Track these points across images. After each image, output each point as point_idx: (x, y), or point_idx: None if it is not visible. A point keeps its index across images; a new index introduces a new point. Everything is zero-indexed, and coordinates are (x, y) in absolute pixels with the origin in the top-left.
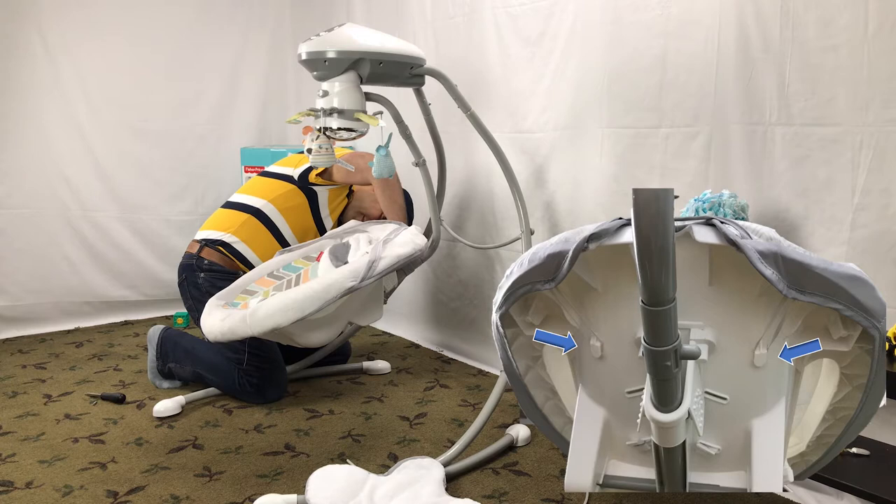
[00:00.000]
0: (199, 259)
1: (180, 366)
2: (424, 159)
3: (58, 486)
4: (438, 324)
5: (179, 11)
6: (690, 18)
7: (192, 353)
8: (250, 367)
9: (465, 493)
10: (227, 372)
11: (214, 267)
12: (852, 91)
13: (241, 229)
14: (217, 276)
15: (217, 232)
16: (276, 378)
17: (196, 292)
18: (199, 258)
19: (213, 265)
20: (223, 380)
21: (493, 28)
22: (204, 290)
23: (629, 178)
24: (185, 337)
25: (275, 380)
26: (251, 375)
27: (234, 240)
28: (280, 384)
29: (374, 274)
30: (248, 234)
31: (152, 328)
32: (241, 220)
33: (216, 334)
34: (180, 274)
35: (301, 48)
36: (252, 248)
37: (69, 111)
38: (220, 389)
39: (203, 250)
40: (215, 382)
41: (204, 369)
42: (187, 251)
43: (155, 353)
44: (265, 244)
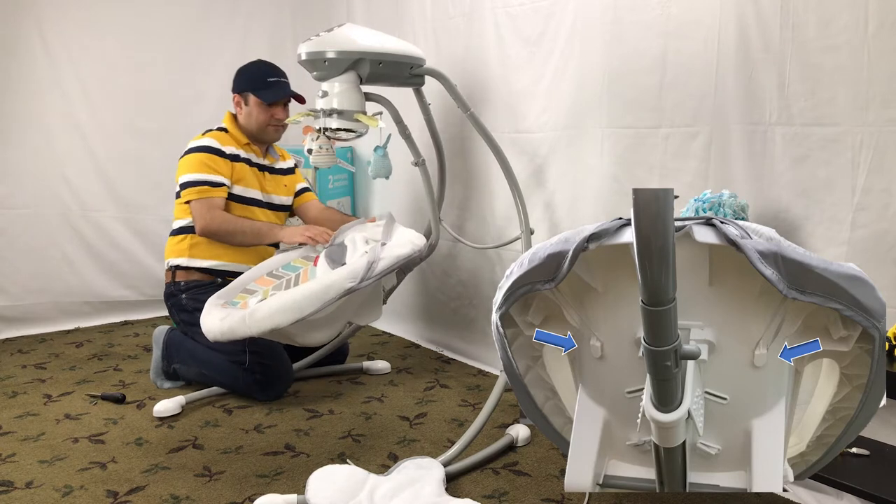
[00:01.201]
0: (174, 283)
1: (185, 366)
2: (424, 159)
3: (58, 486)
4: (438, 324)
5: (180, 11)
6: (690, 18)
7: (195, 354)
8: (253, 364)
9: (465, 493)
10: (231, 371)
11: (192, 283)
12: (852, 91)
13: (192, 247)
14: (198, 290)
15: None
16: (282, 373)
17: (185, 314)
18: (174, 283)
19: (191, 283)
20: (229, 379)
21: (492, 28)
22: (190, 308)
23: (629, 178)
24: (188, 338)
25: (280, 375)
26: (256, 373)
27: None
28: (286, 379)
29: (373, 275)
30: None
31: (158, 328)
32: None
33: (215, 333)
34: (166, 301)
35: (301, 48)
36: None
37: (69, 111)
38: (227, 389)
39: (176, 274)
40: (221, 382)
41: (209, 370)
42: (165, 282)
43: (161, 354)
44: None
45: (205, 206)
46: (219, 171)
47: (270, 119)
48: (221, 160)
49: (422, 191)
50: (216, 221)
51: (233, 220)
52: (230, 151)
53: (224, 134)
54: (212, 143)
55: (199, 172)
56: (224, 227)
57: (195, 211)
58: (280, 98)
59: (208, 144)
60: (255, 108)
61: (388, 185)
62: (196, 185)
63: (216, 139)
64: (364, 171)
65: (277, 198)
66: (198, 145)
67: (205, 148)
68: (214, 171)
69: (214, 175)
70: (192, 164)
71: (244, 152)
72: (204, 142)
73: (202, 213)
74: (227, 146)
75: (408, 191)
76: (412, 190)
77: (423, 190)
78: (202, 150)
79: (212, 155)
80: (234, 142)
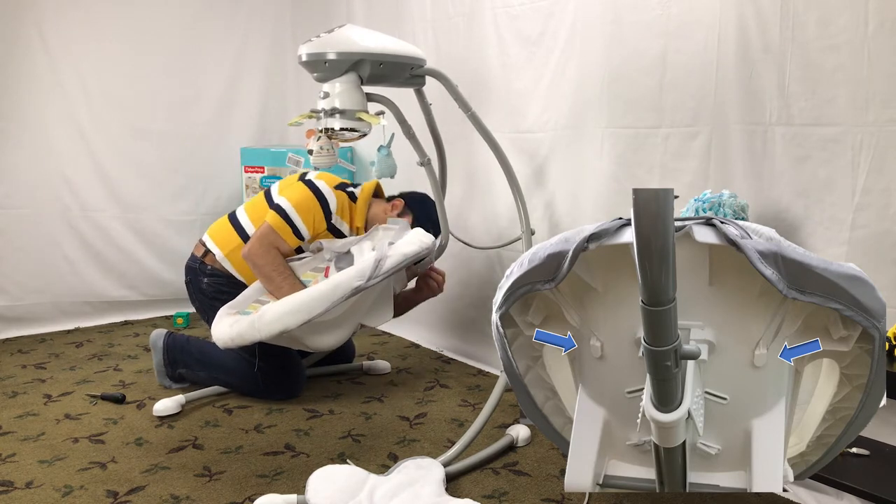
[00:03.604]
0: (202, 264)
1: (191, 371)
2: (429, 158)
3: (58, 486)
4: (438, 324)
5: (180, 11)
6: (690, 18)
7: (203, 358)
8: (265, 366)
9: (465, 493)
10: (242, 373)
11: (217, 273)
12: (852, 91)
13: (233, 252)
14: (220, 280)
15: (216, 245)
16: (294, 373)
17: (201, 296)
18: (202, 263)
19: (216, 272)
20: (240, 381)
21: (492, 28)
22: (209, 294)
23: (629, 178)
24: (191, 342)
25: (293, 374)
26: (267, 374)
27: (225, 259)
28: (299, 379)
29: (380, 273)
30: (238, 260)
31: (154, 333)
32: (235, 243)
33: (225, 340)
34: (186, 274)
35: (301, 50)
36: (239, 272)
37: (69, 111)
38: (239, 391)
39: (207, 255)
40: (232, 385)
41: (219, 373)
42: (193, 252)
43: (162, 360)
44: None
45: (270, 241)
46: (312, 226)
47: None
48: (323, 222)
49: (425, 190)
50: (263, 260)
51: (277, 269)
52: (335, 222)
53: (350, 204)
54: (332, 203)
55: (299, 214)
56: (264, 271)
57: (260, 236)
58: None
59: (330, 200)
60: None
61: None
62: (285, 218)
63: (339, 202)
64: (365, 171)
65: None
66: (324, 192)
67: (324, 199)
68: (309, 223)
69: (305, 227)
70: (300, 199)
71: (345, 228)
72: (330, 195)
73: (261, 243)
74: (339, 215)
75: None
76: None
77: (426, 189)
78: (321, 198)
79: (322, 210)
80: (348, 218)
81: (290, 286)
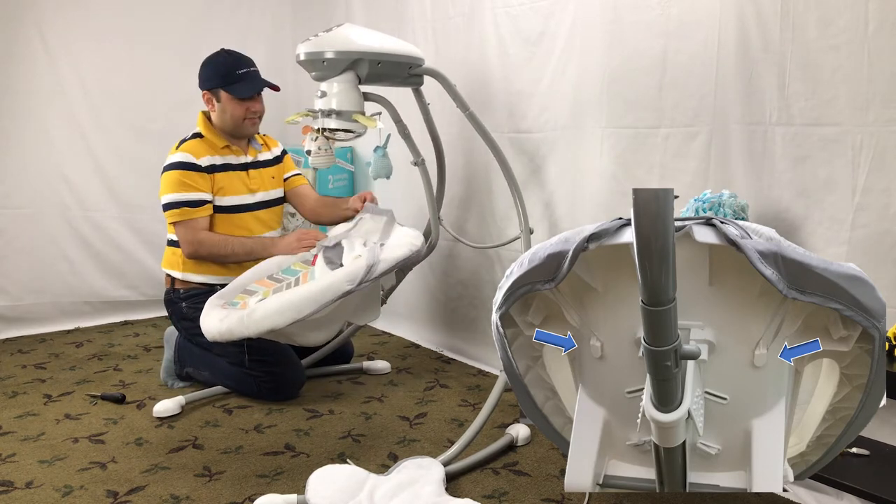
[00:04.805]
0: (174, 291)
1: (197, 370)
2: (423, 158)
3: (58, 486)
4: (438, 324)
5: (180, 11)
6: (690, 18)
7: (204, 358)
8: (255, 366)
9: (465, 492)
10: (238, 375)
11: (190, 291)
12: (852, 91)
13: (185, 263)
14: (197, 296)
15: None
16: (289, 375)
17: (186, 322)
18: (174, 290)
19: (189, 290)
20: (236, 383)
21: (492, 28)
22: (191, 316)
23: (629, 178)
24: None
25: (288, 377)
26: (260, 376)
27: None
28: (294, 382)
29: (371, 277)
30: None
31: (169, 329)
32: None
33: (214, 334)
34: (166, 308)
35: (299, 49)
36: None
37: (69, 111)
38: (238, 393)
39: (174, 283)
40: (230, 386)
41: (217, 373)
42: (165, 286)
43: (173, 356)
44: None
45: (189, 231)
46: (197, 187)
47: (246, 113)
48: (198, 175)
49: (422, 190)
50: (204, 247)
51: (221, 242)
52: (206, 163)
53: (199, 142)
54: (186, 159)
55: (178, 192)
56: (213, 252)
57: (180, 236)
58: (254, 92)
59: (182, 160)
60: (228, 105)
61: (389, 184)
62: (176, 206)
63: (190, 152)
64: (364, 171)
65: (265, 193)
66: (173, 162)
67: (180, 164)
68: (193, 188)
69: (194, 193)
70: (169, 184)
71: (222, 157)
72: (178, 157)
73: (187, 238)
74: (202, 157)
75: (408, 190)
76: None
77: (423, 190)
78: (177, 167)
79: (187, 172)
80: (211, 148)
81: (246, 251)
